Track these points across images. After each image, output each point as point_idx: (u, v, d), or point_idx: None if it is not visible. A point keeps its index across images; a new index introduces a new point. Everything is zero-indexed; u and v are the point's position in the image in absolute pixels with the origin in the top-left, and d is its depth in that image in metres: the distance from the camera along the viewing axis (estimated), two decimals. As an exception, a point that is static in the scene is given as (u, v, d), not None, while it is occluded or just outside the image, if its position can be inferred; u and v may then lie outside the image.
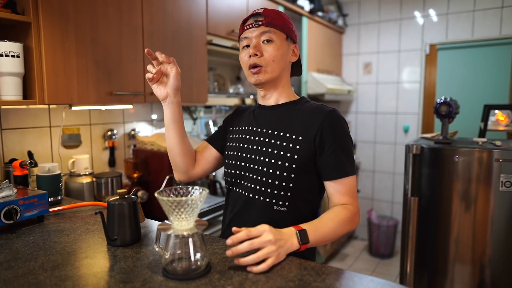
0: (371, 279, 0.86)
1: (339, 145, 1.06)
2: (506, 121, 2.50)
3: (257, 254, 0.87)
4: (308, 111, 1.12)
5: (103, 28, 1.62)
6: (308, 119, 1.09)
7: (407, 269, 2.12)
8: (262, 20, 1.10)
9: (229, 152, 1.21)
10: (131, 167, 2.02)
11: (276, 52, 1.10)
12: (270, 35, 1.10)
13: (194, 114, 2.65)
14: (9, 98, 1.38)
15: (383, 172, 3.86)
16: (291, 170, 1.07)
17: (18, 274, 0.89)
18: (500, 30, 3.17)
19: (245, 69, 1.15)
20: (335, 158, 1.06)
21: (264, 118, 1.18)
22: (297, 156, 1.06)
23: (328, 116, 1.07)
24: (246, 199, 1.14)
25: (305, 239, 0.95)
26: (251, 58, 1.10)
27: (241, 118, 1.27)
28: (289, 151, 1.07)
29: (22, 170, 1.47)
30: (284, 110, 1.16)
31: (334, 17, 3.63)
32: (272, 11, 1.12)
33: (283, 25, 1.12)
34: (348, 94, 3.71)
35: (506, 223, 1.89)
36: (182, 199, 0.81)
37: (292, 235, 0.94)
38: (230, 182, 1.20)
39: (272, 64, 1.10)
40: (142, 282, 0.83)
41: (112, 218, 1.06)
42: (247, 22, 1.14)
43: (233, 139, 1.22)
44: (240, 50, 1.16)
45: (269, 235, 0.88)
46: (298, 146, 1.07)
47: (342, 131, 1.08)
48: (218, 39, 2.25)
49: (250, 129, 1.18)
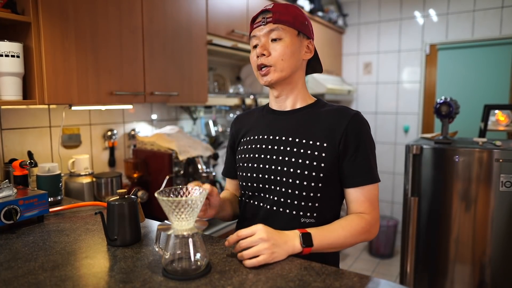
0: (371, 279, 0.86)
1: (364, 150, 1.02)
2: (506, 121, 2.50)
3: (248, 250, 0.88)
4: (330, 115, 1.05)
5: (103, 28, 1.62)
6: (331, 124, 1.03)
7: (407, 269, 2.12)
8: (270, 17, 1.03)
9: (244, 164, 1.12)
10: (131, 167, 2.02)
11: (285, 50, 1.02)
12: (278, 33, 1.03)
13: (194, 114, 2.65)
14: (9, 98, 1.38)
15: (383, 172, 3.86)
16: (319, 180, 1.01)
17: (18, 274, 0.89)
18: (500, 30, 3.17)
19: (255, 71, 1.09)
20: (360, 164, 1.01)
21: (281, 125, 1.09)
22: (324, 164, 1.01)
23: (353, 119, 1.02)
24: (268, 212, 1.07)
25: (308, 243, 0.93)
26: (259, 59, 1.05)
27: (250, 126, 1.18)
28: (314, 159, 1.01)
29: (22, 170, 1.47)
30: (303, 115, 1.09)
31: (334, 17, 3.63)
32: (281, 6, 1.05)
33: (294, 20, 1.04)
34: (348, 94, 3.71)
35: (506, 223, 1.89)
36: (182, 199, 0.81)
37: (295, 237, 0.93)
38: (247, 195, 1.13)
39: (282, 63, 1.03)
40: (142, 282, 0.83)
41: (112, 218, 1.06)
42: (256, 20, 1.07)
43: (246, 150, 1.14)
44: (251, 50, 1.10)
45: (261, 233, 0.88)
46: (324, 153, 1.01)
47: (367, 136, 1.04)
48: (218, 39, 2.25)
49: (266, 138, 1.10)
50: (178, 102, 2.09)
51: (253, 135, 1.14)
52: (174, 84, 1.98)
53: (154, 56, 1.86)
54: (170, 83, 1.96)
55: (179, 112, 2.57)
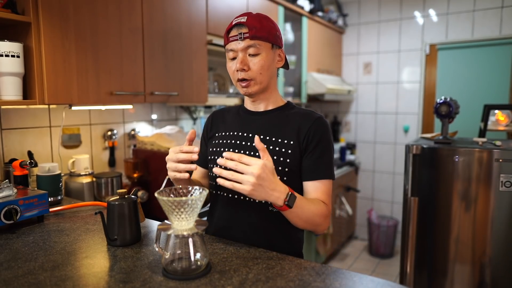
0: (371, 279, 0.86)
1: (322, 149, 1.12)
2: (506, 121, 2.50)
3: (233, 173, 0.90)
4: (297, 117, 1.16)
5: (103, 28, 1.62)
6: (298, 125, 1.14)
7: (407, 269, 2.12)
8: (246, 33, 1.08)
9: (216, 157, 1.18)
10: (131, 167, 2.02)
11: (263, 64, 1.11)
12: (255, 49, 1.09)
13: (194, 114, 2.65)
14: (9, 98, 1.38)
15: (383, 172, 3.86)
16: (285, 173, 1.11)
17: (18, 274, 0.89)
18: (500, 30, 3.17)
19: (233, 80, 1.16)
20: (318, 160, 1.11)
21: (254, 124, 1.19)
22: (289, 159, 1.11)
23: (316, 122, 1.13)
24: (239, 202, 1.15)
25: (291, 203, 0.97)
26: (238, 73, 1.11)
27: (225, 122, 1.26)
28: (281, 155, 1.11)
29: (22, 170, 1.47)
30: (274, 116, 1.19)
31: (334, 17, 3.63)
32: (255, 21, 1.09)
33: (268, 34, 1.10)
34: (348, 94, 3.71)
35: (506, 223, 1.89)
36: (182, 199, 0.81)
37: (283, 192, 0.96)
38: (218, 187, 1.19)
39: (260, 76, 1.12)
40: (142, 282, 0.83)
41: (112, 218, 1.06)
42: (230, 32, 1.12)
43: (219, 144, 1.22)
44: (227, 60, 1.16)
45: (256, 168, 0.89)
46: (290, 150, 1.12)
47: (326, 137, 1.14)
48: (218, 39, 2.25)
49: (240, 135, 1.19)
50: (178, 102, 2.09)
51: (228, 131, 1.23)
52: (174, 84, 1.99)
53: (154, 56, 1.86)
54: (170, 83, 1.96)
55: (179, 112, 2.57)
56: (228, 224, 1.18)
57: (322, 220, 1.08)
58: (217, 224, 1.21)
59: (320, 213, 1.06)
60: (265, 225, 1.13)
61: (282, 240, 1.15)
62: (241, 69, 1.10)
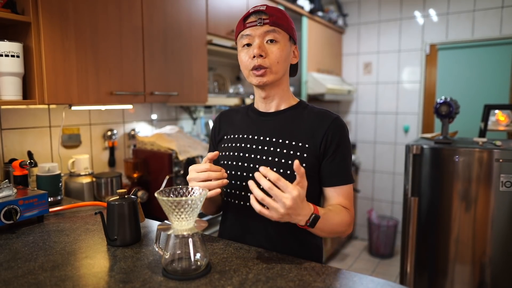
0: (371, 279, 0.86)
1: (342, 153, 1.06)
2: (506, 121, 2.50)
3: (266, 197, 0.85)
4: (312, 117, 1.10)
5: (103, 28, 1.62)
6: (313, 126, 1.07)
7: (407, 269, 2.12)
8: (266, 18, 1.03)
9: (228, 162, 1.14)
10: (131, 167, 2.02)
11: (281, 53, 1.05)
12: (275, 35, 1.04)
13: (194, 114, 2.65)
14: (9, 98, 1.38)
15: (383, 172, 3.86)
16: None
17: (18, 274, 0.89)
18: (500, 30, 3.16)
19: (245, 70, 1.08)
20: (339, 165, 1.06)
21: (266, 125, 1.12)
22: (305, 164, 1.05)
23: (334, 123, 1.07)
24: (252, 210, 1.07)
25: (313, 225, 0.93)
26: (254, 59, 1.04)
27: (234, 124, 1.20)
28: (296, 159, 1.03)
29: (22, 170, 1.47)
30: (287, 116, 1.12)
31: (334, 17, 3.63)
32: (275, 10, 1.06)
33: (287, 25, 1.06)
34: (348, 94, 3.71)
35: (506, 223, 1.89)
36: (182, 199, 0.81)
37: (307, 215, 0.91)
38: (230, 194, 1.14)
39: (277, 66, 1.05)
40: (142, 282, 0.83)
41: (112, 218, 1.06)
42: (248, 19, 1.06)
43: (229, 147, 1.16)
44: (239, 49, 1.09)
45: (289, 200, 0.84)
46: (306, 154, 1.06)
47: (346, 140, 1.08)
48: (218, 39, 2.25)
49: (251, 138, 1.12)
50: (178, 102, 2.09)
51: (238, 133, 1.16)
52: (174, 84, 1.98)
53: (154, 56, 1.86)
54: (170, 83, 1.96)
55: (179, 112, 2.57)
56: (241, 233, 1.13)
57: (346, 228, 1.04)
58: (230, 233, 1.16)
59: (344, 223, 1.02)
60: (281, 236, 1.08)
61: (300, 248, 1.10)
62: (258, 54, 1.02)
